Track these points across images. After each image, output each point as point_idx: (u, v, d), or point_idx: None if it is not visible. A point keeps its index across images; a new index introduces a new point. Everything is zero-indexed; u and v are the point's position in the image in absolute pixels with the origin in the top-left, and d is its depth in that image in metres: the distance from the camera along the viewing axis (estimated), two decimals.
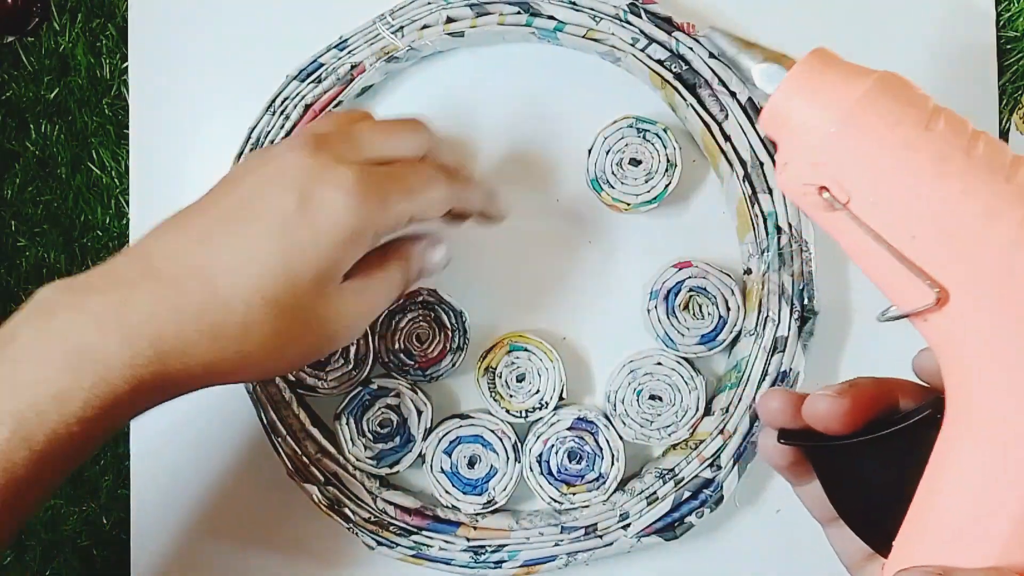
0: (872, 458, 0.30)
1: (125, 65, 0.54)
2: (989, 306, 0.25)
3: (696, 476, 0.48)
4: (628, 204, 0.48)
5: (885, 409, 0.30)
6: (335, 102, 0.50)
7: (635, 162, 0.48)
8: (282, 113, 0.50)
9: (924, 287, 0.25)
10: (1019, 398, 0.24)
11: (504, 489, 0.49)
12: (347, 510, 0.49)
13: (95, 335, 0.34)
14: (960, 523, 0.25)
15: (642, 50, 0.48)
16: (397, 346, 0.49)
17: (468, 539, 0.49)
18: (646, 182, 0.48)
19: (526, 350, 0.49)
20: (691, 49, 0.48)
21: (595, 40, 0.48)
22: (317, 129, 0.42)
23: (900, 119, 0.26)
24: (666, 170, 0.48)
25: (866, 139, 0.26)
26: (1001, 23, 0.51)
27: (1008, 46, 0.51)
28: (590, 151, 0.49)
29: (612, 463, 0.49)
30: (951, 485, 0.25)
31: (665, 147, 0.48)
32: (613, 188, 0.48)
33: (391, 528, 0.49)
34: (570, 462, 0.49)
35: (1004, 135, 0.51)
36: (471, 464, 0.50)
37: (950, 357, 0.26)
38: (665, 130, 0.48)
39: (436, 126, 0.44)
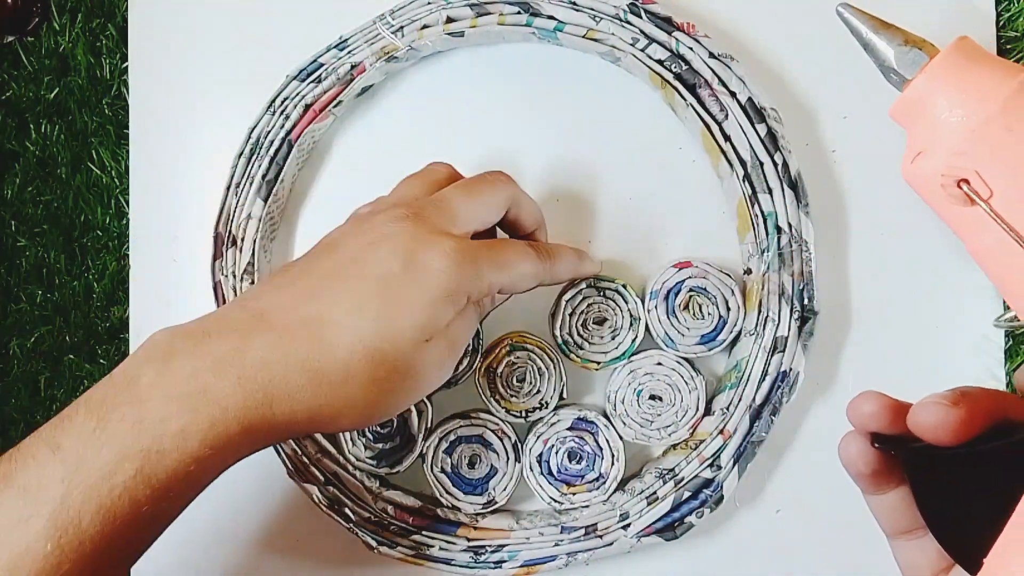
0: (974, 471, 0.28)
1: (125, 65, 0.54)
2: None
3: (696, 476, 0.48)
4: (598, 363, 0.49)
5: (996, 422, 0.29)
6: (335, 102, 0.50)
7: (599, 321, 0.49)
8: (282, 113, 0.50)
9: None
10: None
11: (504, 489, 0.49)
12: (347, 510, 0.49)
13: (213, 378, 0.36)
14: None
15: (642, 50, 0.48)
16: None
17: (468, 539, 0.49)
18: (613, 339, 0.49)
19: (526, 350, 0.49)
20: (691, 49, 0.48)
21: (595, 40, 0.48)
22: (407, 195, 0.44)
23: None
24: (630, 325, 0.49)
25: (1017, 134, 0.25)
26: (1001, 23, 0.51)
27: (1008, 46, 0.51)
28: (553, 315, 0.49)
29: (612, 463, 0.49)
30: None
31: (627, 302, 0.49)
32: (582, 349, 0.49)
33: (391, 528, 0.49)
34: (570, 462, 0.49)
35: None
36: (471, 464, 0.50)
37: None
38: (624, 286, 0.49)
39: (517, 184, 0.46)
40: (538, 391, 0.49)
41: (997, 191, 0.25)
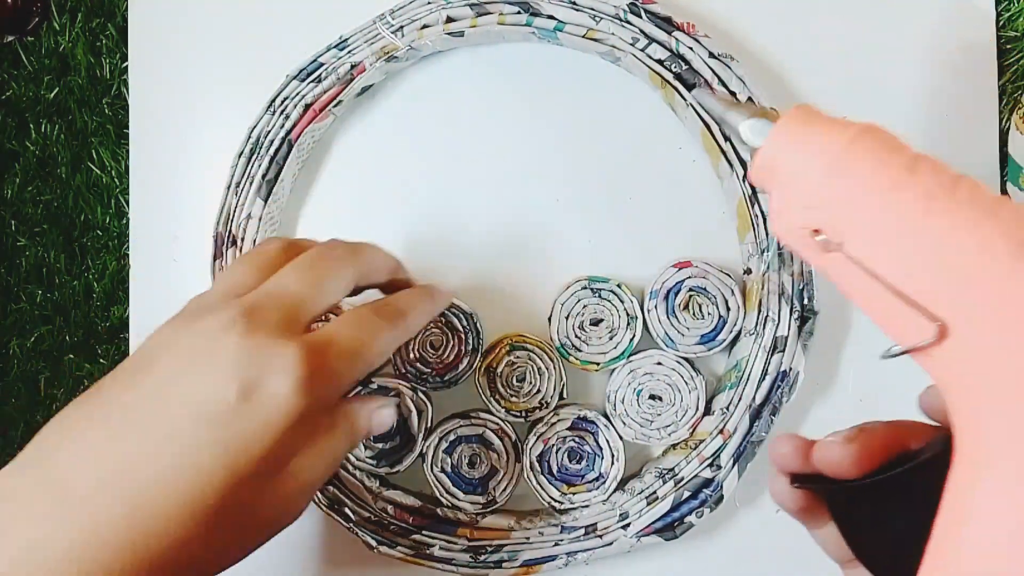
0: (886, 499, 0.30)
1: (125, 65, 0.54)
2: (989, 338, 0.25)
3: (696, 476, 0.48)
4: (598, 364, 0.49)
5: (897, 451, 0.30)
6: (335, 102, 0.50)
7: (596, 322, 0.49)
8: (282, 113, 0.50)
9: (924, 322, 0.26)
10: None
11: (504, 489, 0.49)
12: (347, 510, 0.49)
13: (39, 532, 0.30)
14: (980, 564, 0.25)
15: (642, 50, 0.48)
16: (412, 356, 0.49)
17: (468, 539, 0.49)
18: (610, 339, 0.49)
19: (526, 350, 0.49)
20: (691, 49, 0.48)
21: (595, 40, 0.49)
22: (236, 283, 0.37)
23: (885, 162, 0.27)
24: (628, 324, 0.49)
25: (855, 182, 0.27)
26: (1001, 23, 0.51)
27: (1008, 46, 0.51)
28: (550, 319, 0.49)
29: (612, 463, 0.49)
30: (966, 522, 0.25)
31: (622, 302, 0.49)
32: (580, 351, 0.49)
33: (391, 528, 0.49)
34: (570, 462, 0.49)
35: (1004, 135, 0.51)
36: (471, 464, 0.50)
37: (956, 393, 0.26)
38: (619, 285, 0.49)
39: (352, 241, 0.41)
40: (538, 391, 0.49)
41: (847, 237, 0.27)
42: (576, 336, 0.49)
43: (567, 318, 0.49)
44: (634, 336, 0.48)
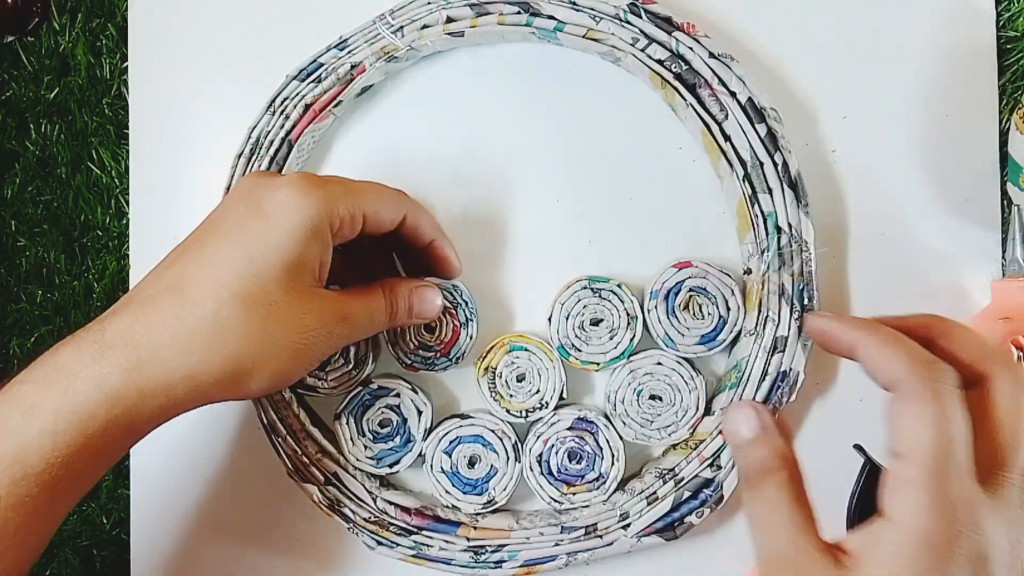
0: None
1: (125, 65, 0.54)
2: None
3: (696, 476, 0.48)
4: (598, 364, 0.49)
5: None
6: (335, 102, 0.50)
7: (596, 322, 0.49)
8: (282, 113, 0.50)
9: None
10: None
11: (504, 489, 0.49)
12: (347, 510, 0.49)
13: (71, 352, 0.36)
14: None
15: (642, 50, 0.48)
16: (413, 345, 0.49)
17: (468, 539, 0.49)
18: (611, 339, 0.49)
19: (526, 350, 0.49)
20: (691, 49, 0.48)
21: (595, 40, 0.48)
22: None
23: None
24: (628, 324, 0.49)
25: None
26: (1001, 23, 0.51)
27: (1008, 46, 0.51)
28: (550, 319, 0.49)
29: (612, 463, 0.49)
30: None
31: (623, 302, 0.49)
32: (580, 351, 0.49)
33: (391, 528, 0.49)
34: (570, 462, 0.49)
35: (1004, 135, 0.51)
36: (471, 464, 0.50)
37: None
38: (619, 286, 0.49)
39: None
40: (538, 391, 0.49)
41: None
42: (576, 336, 0.49)
43: (567, 318, 0.49)
44: (634, 336, 0.48)
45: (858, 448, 0.39)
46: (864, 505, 0.38)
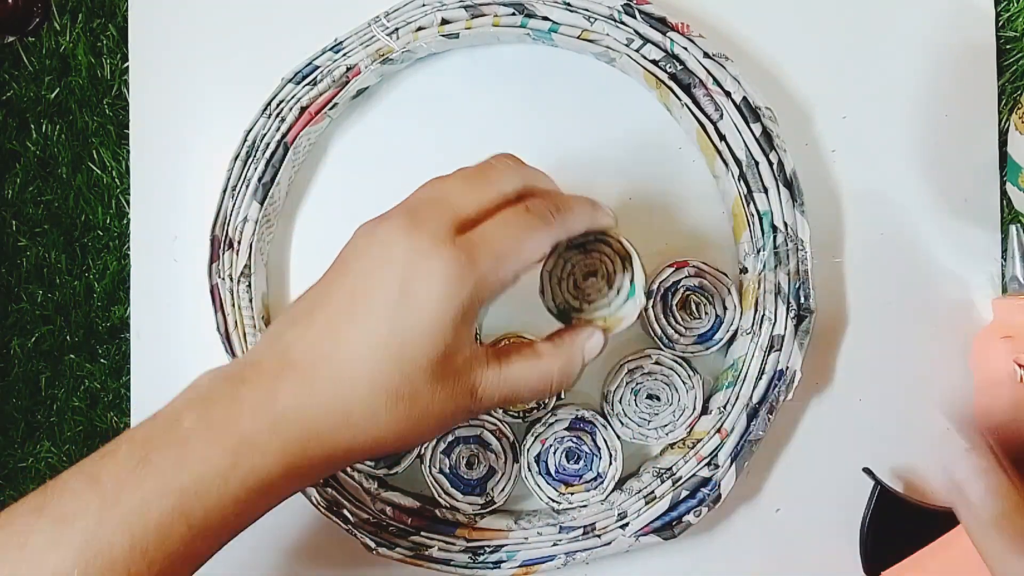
0: None
1: (125, 65, 0.55)
2: None
3: (694, 475, 0.48)
4: (604, 319, 0.43)
5: None
6: (330, 104, 0.50)
7: (590, 274, 0.44)
8: (278, 116, 0.50)
9: None
10: None
11: (502, 489, 0.49)
12: (345, 511, 0.49)
13: (251, 423, 0.36)
14: None
15: (637, 51, 0.48)
16: None
17: (467, 539, 0.49)
18: (610, 287, 0.44)
19: None
20: (685, 49, 0.48)
21: (590, 41, 0.48)
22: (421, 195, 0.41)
23: None
24: (624, 266, 0.43)
25: None
26: (1001, 23, 0.51)
27: (1008, 46, 0.51)
28: (542, 292, 0.44)
29: (610, 462, 0.49)
30: None
31: (610, 246, 0.44)
32: (582, 312, 0.44)
33: (390, 529, 0.49)
34: (568, 462, 0.49)
35: (1004, 135, 0.50)
36: (470, 464, 0.50)
37: None
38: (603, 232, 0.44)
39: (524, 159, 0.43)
40: None
41: None
42: (573, 296, 0.44)
43: (559, 282, 0.44)
44: (633, 275, 0.43)
45: (868, 472, 0.39)
46: (876, 529, 0.37)
